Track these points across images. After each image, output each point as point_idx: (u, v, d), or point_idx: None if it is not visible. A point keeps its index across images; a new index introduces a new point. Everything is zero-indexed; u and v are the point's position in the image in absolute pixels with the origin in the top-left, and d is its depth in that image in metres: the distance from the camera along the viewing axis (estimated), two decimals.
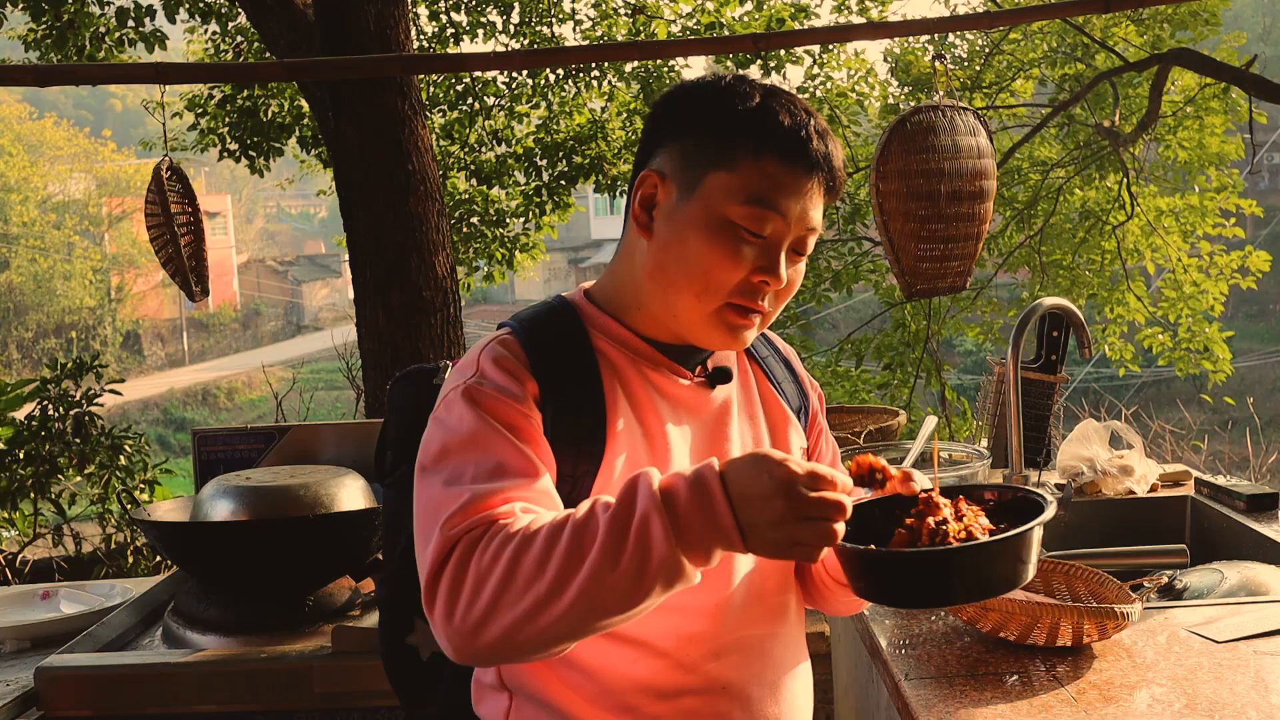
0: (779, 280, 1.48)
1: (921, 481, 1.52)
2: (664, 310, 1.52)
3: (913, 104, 9.31)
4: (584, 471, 1.46)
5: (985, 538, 1.43)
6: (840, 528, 1.26)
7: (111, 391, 6.16)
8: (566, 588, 1.25)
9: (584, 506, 1.30)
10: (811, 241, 1.52)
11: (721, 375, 1.59)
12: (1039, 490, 1.54)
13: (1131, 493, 3.01)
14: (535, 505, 1.36)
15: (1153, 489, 3.05)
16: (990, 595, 1.46)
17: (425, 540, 1.35)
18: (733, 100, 1.49)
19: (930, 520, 1.45)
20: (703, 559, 1.27)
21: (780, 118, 1.48)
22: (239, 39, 8.41)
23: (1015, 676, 1.88)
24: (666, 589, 1.27)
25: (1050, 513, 1.46)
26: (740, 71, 1.57)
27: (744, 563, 1.56)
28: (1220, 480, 2.98)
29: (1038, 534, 1.44)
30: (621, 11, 8.86)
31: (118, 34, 7.51)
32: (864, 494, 1.51)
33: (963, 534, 1.43)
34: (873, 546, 1.44)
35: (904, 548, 1.44)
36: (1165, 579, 2.37)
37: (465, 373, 1.48)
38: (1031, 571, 1.44)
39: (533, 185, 9.21)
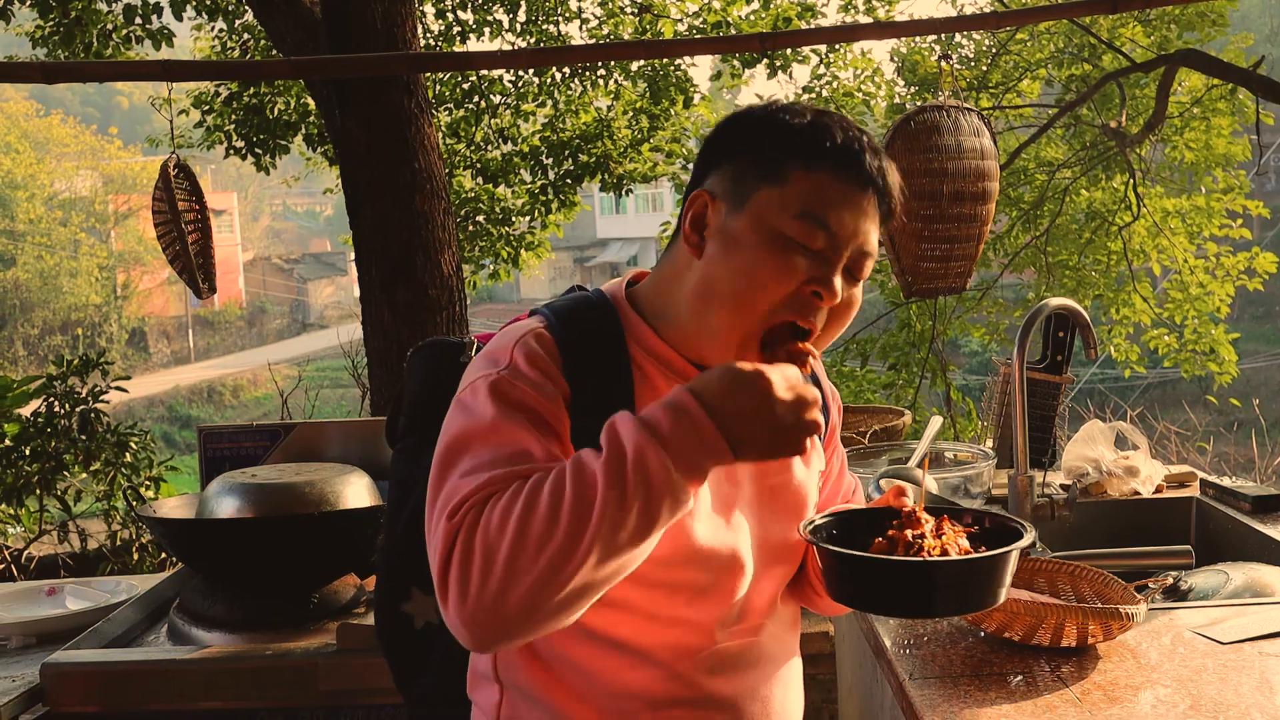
0: (832, 293, 1.44)
1: (929, 485, 1.53)
2: (698, 328, 1.49)
3: (919, 104, 9.32)
4: None
5: (959, 556, 1.46)
6: (819, 414, 1.30)
7: (117, 389, 6.17)
8: (581, 538, 1.24)
9: (571, 461, 1.30)
10: (868, 267, 1.49)
11: None
12: (1020, 520, 1.55)
13: (1137, 494, 3.01)
14: None
15: (1158, 490, 3.04)
16: (961, 612, 1.50)
17: (434, 527, 1.34)
18: (783, 118, 1.48)
19: (908, 533, 1.48)
20: (699, 478, 1.29)
21: (833, 133, 1.46)
22: (245, 36, 8.42)
23: (1020, 677, 1.88)
24: (672, 515, 1.29)
25: (1028, 540, 1.48)
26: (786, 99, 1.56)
27: (745, 581, 1.55)
28: (1226, 481, 2.98)
29: (1013, 559, 1.46)
30: (628, 10, 8.87)
31: (125, 31, 7.52)
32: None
33: (937, 550, 1.46)
34: (840, 549, 1.47)
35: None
36: (1170, 580, 2.37)
37: (497, 362, 1.45)
38: (1004, 595, 1.47)
39: (539, 184, 9.21)
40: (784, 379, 1.29)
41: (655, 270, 1.58)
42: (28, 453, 5.87)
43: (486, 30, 8.74)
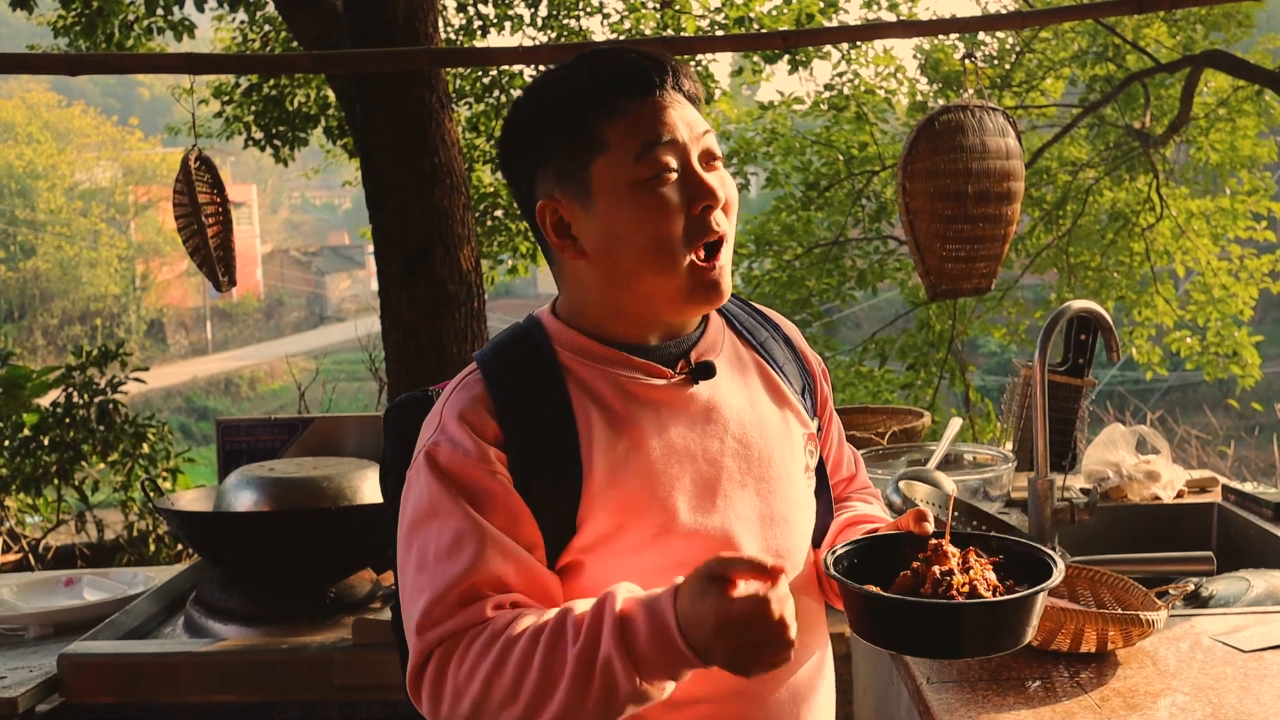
0: (714, 195, 1.47)
1: (946, 485, 1.51)
2: (640, 303, 1.51)
3: (941, 102, 9.26)
4: (566, 501, 1.46)
5: (988, 594, 1.42)
6: (793, 633, 1.29)
7: (136, 380, 6.20)
8: (541, 715, 1.32)
9: (552, 625, 1.34)
10: (713, 142, 1.51)
11: (704, 370, 1.56)
12: (1050, 551, 1.51)
13: (1157, 498, 2.99)
14: (498, 578, 1.40)
15: (1179, 495, 3.02)
16: (989, 653, 1.45)
17: (407, 626, 1.42)
18: (554, 96, 1.50)
19: (936, 569, 1.44)
20: (670, 679, 1.33)
21: (598, 72, 1.49)
22: (267, 28, 8.43)
23: (1038, 682, 1.87)
24: (638, 708, 1.34)
25: (1058, 577, 1.45)
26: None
27: None
28: (1247, 487, 2.96)
29: (1042, 599, 1.43)
30: (649, 5, 8.84)
31: (146, 22, 7.54)
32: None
33: (966, 587, 1.42)
34: (874, 588, 1.44)
35: (905, 592, 1.44)
36: (1191, 586, 2.36)
37: (430, 427, 1.50)
38: (1032, 633, 1.44)
39: None
40: (760, 606, 1.28)
41: (561, 290, 1.59)
42: (46, 443, 5.90)
43: (507, 24, 8.72)
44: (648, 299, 1.50)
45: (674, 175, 1.46)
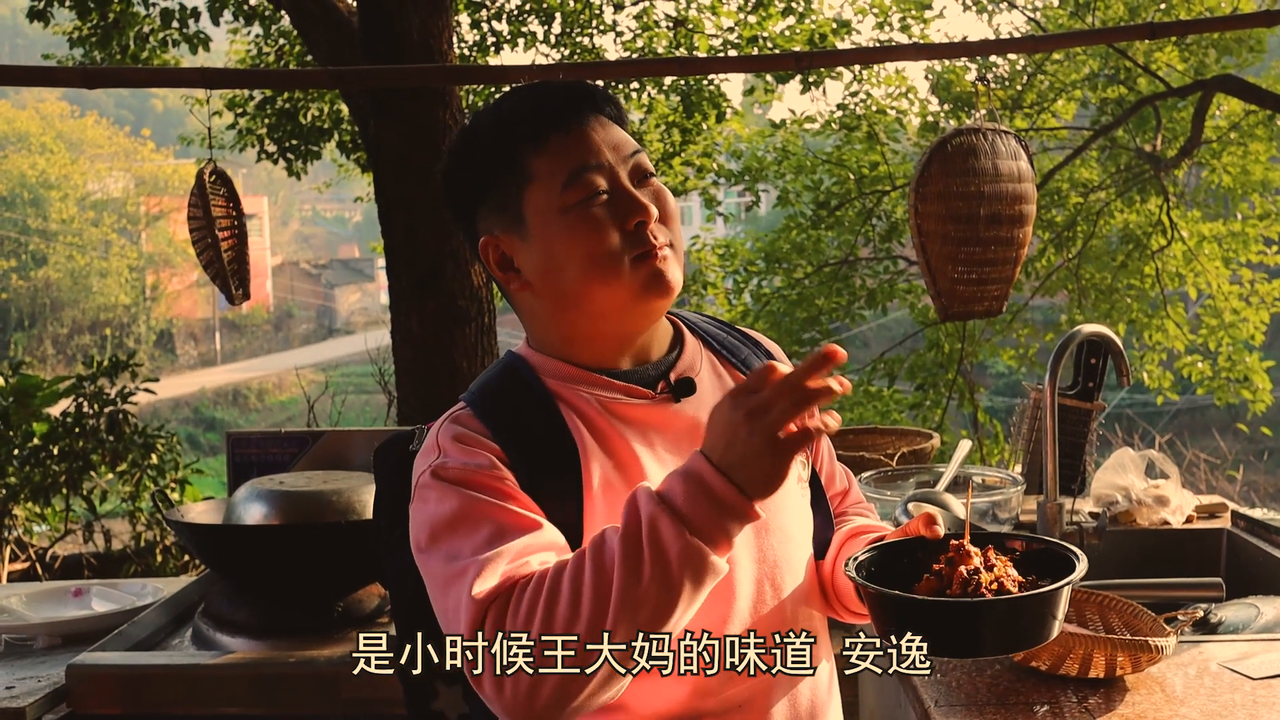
0: (645, 210, 1.48)
1: (955, 508, 1.50)
2: (594, 323, 1.52)
3: (953, 123, 9.28)
4: (570, 516, 1.45)
5: (1017, 590, 1.40)
6: (817, 384, 1.23)
7: (145, 390, 6.21)
8: (604, 619, 1.25)
9: (596, 538, 1.31)
10: (644, 159, 1.52)
11: (685, 387, 1.56)
12: (1069, 545, 1.49)
13: (1166, 523, 2.98)
14: (544, 556, 1.36)
15: (1188, 520, 3.02)
16: (1019, 649, 1.42)
17: (449, 624, 1.36)
18: (483, 135, 1.53)
19: (962, 569, 1.41)
20: (723, 540, 1.27)
21: (520, 106, 1.52)
22: (281, 42, 8.47)
23: (1046, 707, 1.86)
24: (697, 584, 1.27)
25: (1082, 570, 1.42)
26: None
27: (743, 574, 1.52)
28: (1257, 513, 2.95)
29: (1066, 593, 1.41)
30: (662, 24, 8.87)
31: (162, 34, 7.59)
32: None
33: (994, 585, 1.40)
34: (898, 592, 1.42)
35: (933, 594, 1.41)
36: (1200, 612, 2.35)
37: (429, 456, 1.48)
38: (1059, 628, 1.41)
39: None
40: (760, 380, 1.25)
41: (525, 324, 1.61)
42: (55, 452, 5.91)
43: (521, 41, 8.75)
44: (600, 317, 1.51)
45: (604, 196, 1.47)
